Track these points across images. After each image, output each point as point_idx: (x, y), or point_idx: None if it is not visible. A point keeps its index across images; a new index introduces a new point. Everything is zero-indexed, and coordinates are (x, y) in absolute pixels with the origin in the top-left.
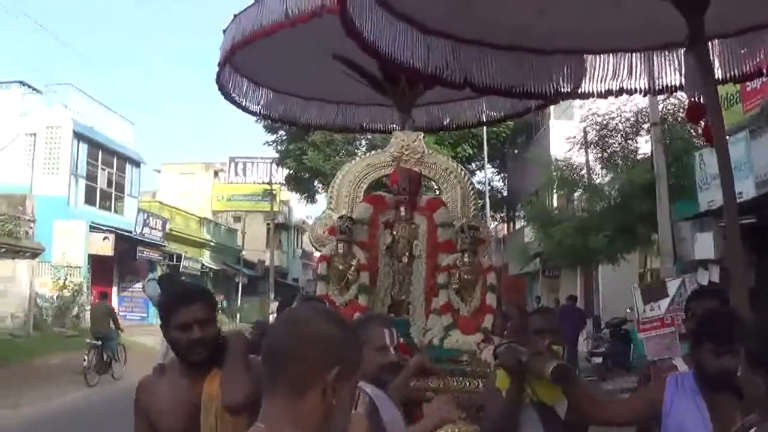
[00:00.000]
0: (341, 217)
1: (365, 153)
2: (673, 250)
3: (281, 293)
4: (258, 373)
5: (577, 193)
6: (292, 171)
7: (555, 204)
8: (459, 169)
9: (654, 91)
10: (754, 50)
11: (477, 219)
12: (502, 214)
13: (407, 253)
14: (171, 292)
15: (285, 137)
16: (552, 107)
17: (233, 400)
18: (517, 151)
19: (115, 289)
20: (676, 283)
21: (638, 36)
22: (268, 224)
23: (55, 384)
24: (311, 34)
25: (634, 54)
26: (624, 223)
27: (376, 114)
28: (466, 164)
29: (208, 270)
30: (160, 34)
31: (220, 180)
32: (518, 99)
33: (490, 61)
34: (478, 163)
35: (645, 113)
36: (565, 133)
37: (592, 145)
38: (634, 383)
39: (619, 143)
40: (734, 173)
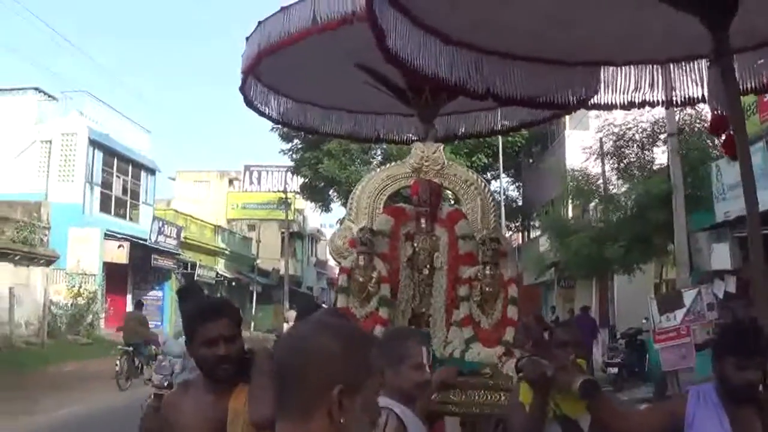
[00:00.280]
0: (362, 228)
1: (380, 162)
2: (689, 260)
3: (295, 302)
4: None
5: (593, 203)
6: (307, 179)
7: (570, 214)
8: (479, 181)
9: (675, 103)
10: None
11: (498, 231)
12: (517, 224)
13: (428, 266)
14: (195, 306)
15: (300, 146)
16: (567, 117)
17: (260, 416)
18: (532, 161)
19: (129, 297)
20: (692, 293)
21: (660, 48)
22: (283, 233)
23: (88, 389)
24: (332, 43)
25: (654, 66)
26: (640, 233)
27: (393, 124)
28: (482, 174)
29: (222, 278)
30: (178, 42)
31: (235, 188)
32: (540, 109)
33: (513, 71)
34: (494, 173)
35: (662, 124)
36: (580, 143)
37: (608, 156)
38: (650, 393)
39: (635, 153)
40: None
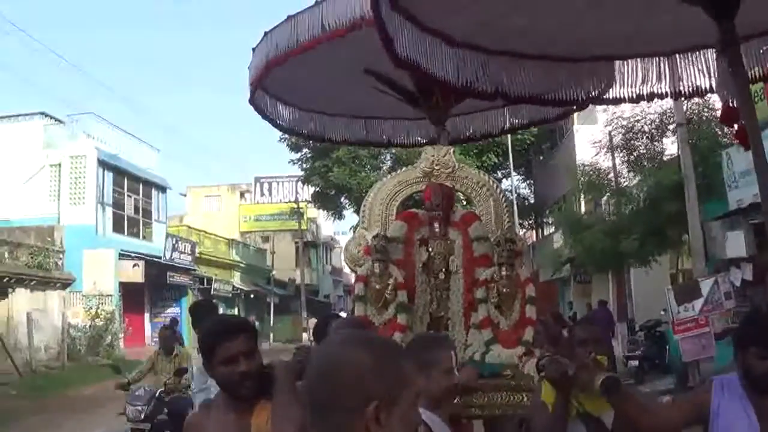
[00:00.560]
0: (376, 236)
1: (391, 167)
2: (704, 249)
3: (313, 311)
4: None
5: (605, 197)
6: (318, 188)
7: (583, 209)
8: (491, 182)
9: (683, 94)
10: None
11: (512, 231)
12: (530, 221)
13: (444, 269)
14: (211, 325)
15: (310, 155)
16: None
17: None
18: (542, 158)
19: (147, 316)
20: (709, 282)
21: (666, 40)
22: (297, 242)
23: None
24: (338, 50)
25: (661, 58)
26: (653, 225)
27: (401, 128)
28: (492, 173)
29: (239, 291)
30: (185, 58)
31: (247, 201)
32: (549, 107)
33: (520, 70)
34: (504, 172)
35: (670, 114)
36: (589, 138)
37: (617, 149)
38: (672, 384)
39: (645, 145)
40: None
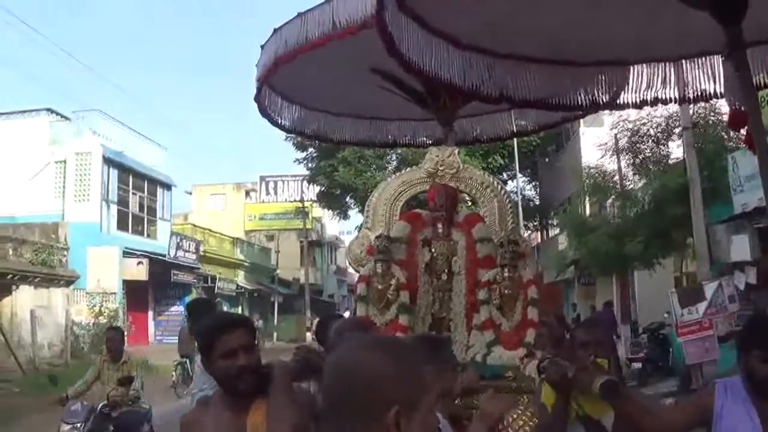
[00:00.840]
0: (379, 236)
1: (396, 167)
2: (708, 253)
3: (317, 310)
4: (303, 403)
5: (610, 199)
6: (323, 188)
7: (588, 211)
8: (495, 183)
9: (687, 99)
10: None
11: (515, 232)
12: (535, 223)
13: (446, 270)
14: (209, 321)
15: (315, 154)
16: None
17: None
18: (548, 160)
19: (151, 314)
20: (713, 286)
21: (672, 45)
22: (302, 242)
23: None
24: (346, 49)
25: (668, 63)
26: (658, 228)
27: (407, 128)
28: (498, 174)
29: (243, 290)
30: (193, 55)
31: (252, 199)
32: (554, 111)
33: (526, 74)
34: (510, 173)
35: (676, 118)
36: (595, 140)
37: (623, 152)
38: (674, 387)
39: (650, 148)
40: None
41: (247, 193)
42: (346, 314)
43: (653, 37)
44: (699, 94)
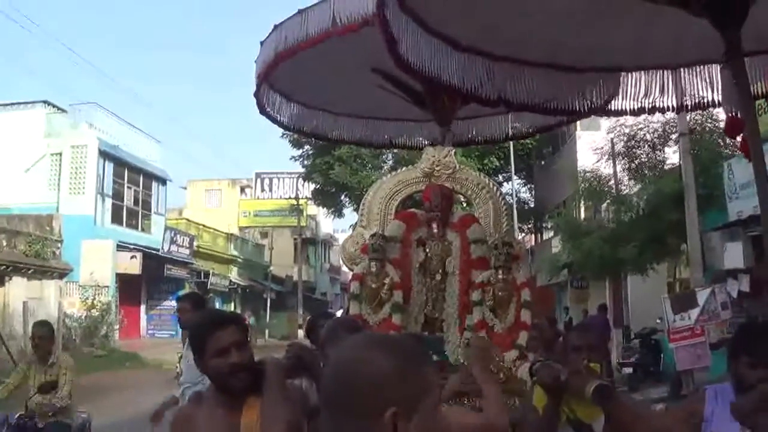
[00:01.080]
0: (373, 235)
1: (392, 167)
2: (702, 259)
3: (310, 308)
4: (296, 401)
5: (605, 203)
6: (318, 185)
7: (583, 215)
8: (491, 184)
9: (685, 108)
10: None
11: (510, 234)
12: (529, 225)
13: (440, 271)
14: (201, 317)
15: (311, 152)
16: None
17: (274, 430)
18: (543, 162)
19: (143, 308)
20: (705, 293)
21: (670, 52)
22: (296, 239)
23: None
24: (346, 48)
25: (665, 71)
26: (652, 233)
27: (404, 129)
28: (493, 176)
29: (236, 286)
30: (188, 51)
31: (247, 196)
32: (551, 115)
33: (524, 78)
34: (505, 175)
35: (673, 124)
36: (591, 144)
37: (619, 156)
38: (665, 393)
39: (646, 154)
40: None
41: (242, 190)
42: (339, 313)
43: (652, 45)
44: (697, 102)
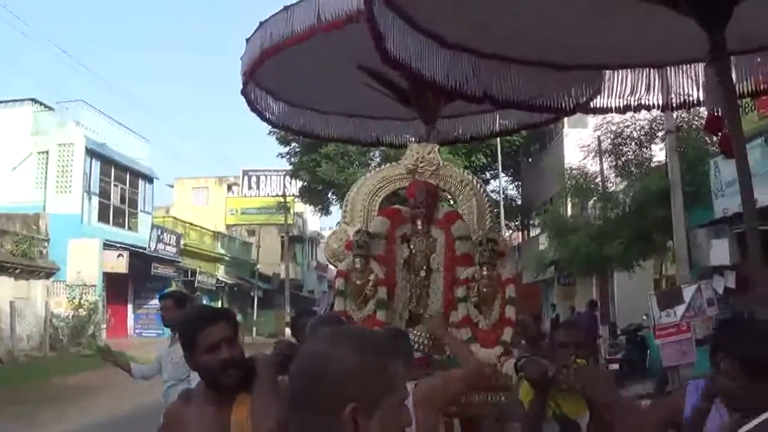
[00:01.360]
0: (358, 231)
1: (379, 164)
2: (688, 256)
3: (297, 305)
4: (286, 397)
5: (592, 201)
6: (305, 183)
7: (569, 212)
8: (475, 181)
9: (671, 106)
10: None
11: (494, 231)
12: (516, 222)
13: (425, 267)
14: (190, 314)
15: (298, 149)
16: None
17: (265, 427)
18: (530, 160)
19: (130, 307)
20: (691, 289)
21: (657, 51)
22: (283, 237)
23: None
24: (332, 46)
25: (651, 69)
26: (639, 230)
27: (391, 127)
28: (480, 173)
29: (223, 284)
30: (174, 49)
31: (234, 193)
32: (537, 113)
33: (510, 75)
34: (493, 172)
35: (659, 121)
36: (578, 142)
37: (606, 153)
38: (651, 389)
39: (633, 151)
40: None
41: (230, 187)
42: (321, 310)
43: (639, 43)
44: (683, 100)
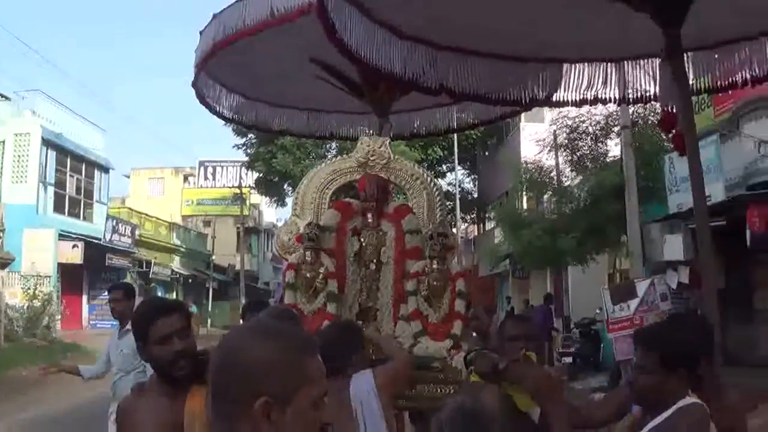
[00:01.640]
0: (309, 224)
1: (334, 157)
2: (642, 251)
3: (252, 297)
4: None
5: (547, 195)
6: (261, 174)
7: (525, 206)
8: (425, 175)
9: (628, 100)
10: (728, 63)
11: (445, 225)
12: (472, 216)
13: (375, 260)
14: (143, 305)
15: (254, 140)
16: None
17: None
18: (487, 153)
19: (85, 298)
20: (645, 284)
21: (613, 46)
22: (238, 228)
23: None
24: (285, 39)
25: (608, 63)
26: (593, 224)
27: (345, 120)
28: (437, 166)
29: (178, 276)
30: (132, 41)
31: (190, 184)
32: (493, 105)
33: (467, 67)
34: (449, 165)
35: (615, 116)
36: (535, 136)
37: (561, 148)
38: (604, 383)
39: (588, 146)
40: (704, 176)
41: (186, 178)
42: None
43: (596, 37)
44: (640, 95)
